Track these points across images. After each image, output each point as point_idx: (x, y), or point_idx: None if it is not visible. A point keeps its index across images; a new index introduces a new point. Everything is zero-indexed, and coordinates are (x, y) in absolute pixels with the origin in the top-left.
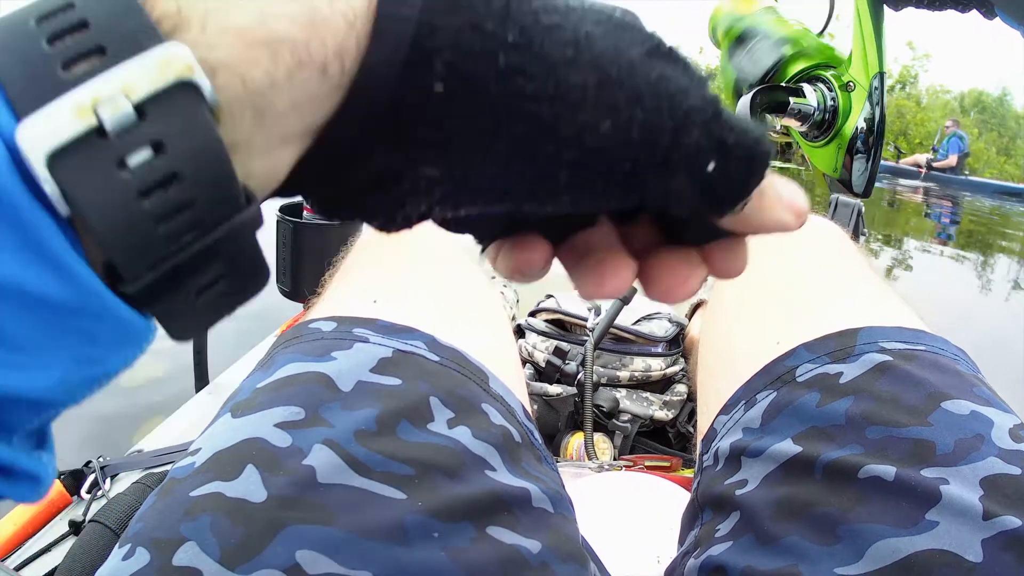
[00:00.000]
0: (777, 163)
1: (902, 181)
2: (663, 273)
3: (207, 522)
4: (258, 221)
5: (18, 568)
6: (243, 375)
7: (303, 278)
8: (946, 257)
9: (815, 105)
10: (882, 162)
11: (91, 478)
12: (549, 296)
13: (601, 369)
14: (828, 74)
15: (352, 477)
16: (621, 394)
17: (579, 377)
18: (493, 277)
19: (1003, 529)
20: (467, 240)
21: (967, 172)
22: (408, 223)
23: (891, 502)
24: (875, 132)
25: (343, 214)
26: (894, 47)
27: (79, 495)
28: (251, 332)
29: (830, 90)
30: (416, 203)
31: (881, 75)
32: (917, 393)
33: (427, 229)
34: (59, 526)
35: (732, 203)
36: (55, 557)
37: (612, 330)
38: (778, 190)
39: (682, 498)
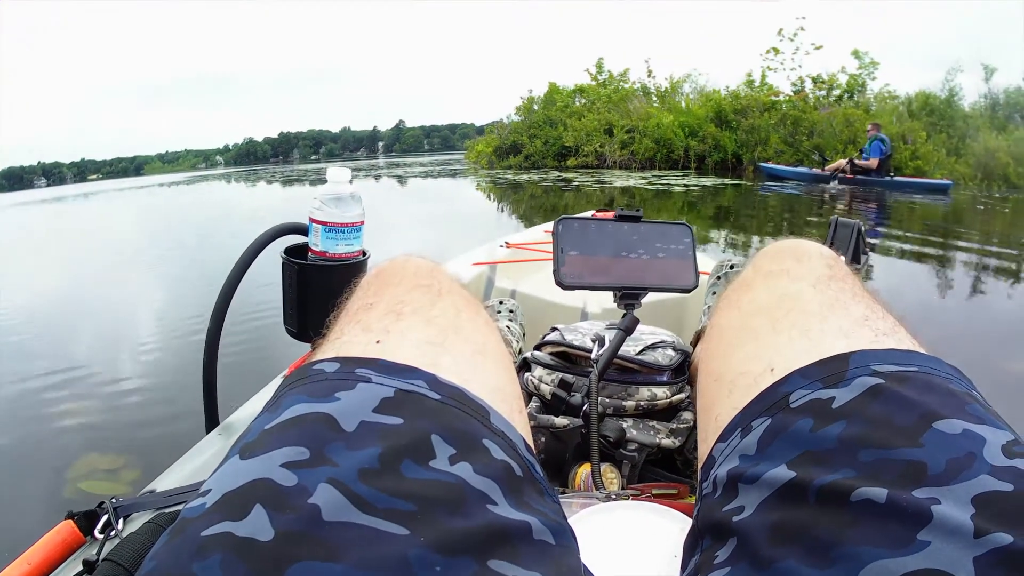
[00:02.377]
0: (727, 180)
1: (828, 187)
2: None
3: (217, 560)
4: None
5: None
6: (251, 415)
7: (309, 319)
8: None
9: None
10: (807, 170)
11: (104, 519)
12: (554, 329)
13: (607, 399)
14: None
15: (356, 514)
16: (627, 423)
17: (585, 408)
18: (499, 312)
19: (994, 546)
20: (468, 277)
21: (892, 174)
22: None
23: (883, 524)
24: None
25: None
26: (840, 57)
27: (92, 535)
28: (260, 373)
29: None
30: None
31: None
32: (909, 414)
33: (427, 269)
34: (73, 566)
35: None
36: None
37: (617, 360)
38: None
39: (688, 525)
